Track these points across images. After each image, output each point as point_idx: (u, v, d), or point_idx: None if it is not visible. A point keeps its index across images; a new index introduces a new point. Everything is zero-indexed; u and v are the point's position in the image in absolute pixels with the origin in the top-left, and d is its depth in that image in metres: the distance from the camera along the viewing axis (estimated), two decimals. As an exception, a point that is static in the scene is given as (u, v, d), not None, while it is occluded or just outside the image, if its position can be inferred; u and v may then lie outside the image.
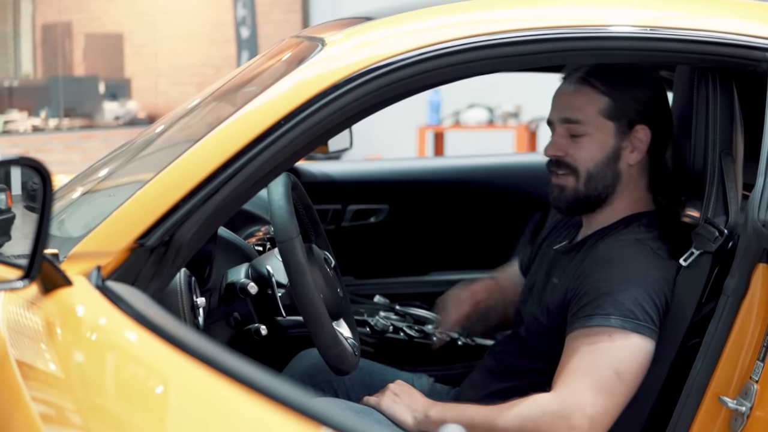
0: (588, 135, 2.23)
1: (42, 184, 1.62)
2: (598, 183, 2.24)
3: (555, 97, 2.30)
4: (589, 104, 2.23)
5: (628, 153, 2.24)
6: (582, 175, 2.24)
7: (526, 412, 2.07)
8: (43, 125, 9.92)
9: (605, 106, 2.23)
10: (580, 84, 2.25)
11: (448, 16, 2.09)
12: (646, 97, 2.24)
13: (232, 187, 1.85)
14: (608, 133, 2.23)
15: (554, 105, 2.30)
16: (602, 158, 2.23)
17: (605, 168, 2.24)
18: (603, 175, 2.24)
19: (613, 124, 2.23)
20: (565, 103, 2.27)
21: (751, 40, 2.03)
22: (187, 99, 2.46)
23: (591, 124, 2.23)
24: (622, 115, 2.23)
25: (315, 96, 1.89)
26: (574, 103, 2.25)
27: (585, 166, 2.24)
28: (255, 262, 2.35)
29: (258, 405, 1.22)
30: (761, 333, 1.92)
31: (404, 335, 2.91)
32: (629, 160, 2.25)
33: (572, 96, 2.26)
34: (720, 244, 2.05)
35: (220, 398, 1.28)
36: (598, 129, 2.23)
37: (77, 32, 10.77)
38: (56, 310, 1.68)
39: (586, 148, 2.24)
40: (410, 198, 3.67)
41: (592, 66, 2.26)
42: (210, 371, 1.31)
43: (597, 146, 2.23)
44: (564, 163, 2.26)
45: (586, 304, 2.11)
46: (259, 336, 2.29)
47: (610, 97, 2.23)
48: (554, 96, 2.31)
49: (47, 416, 1.51)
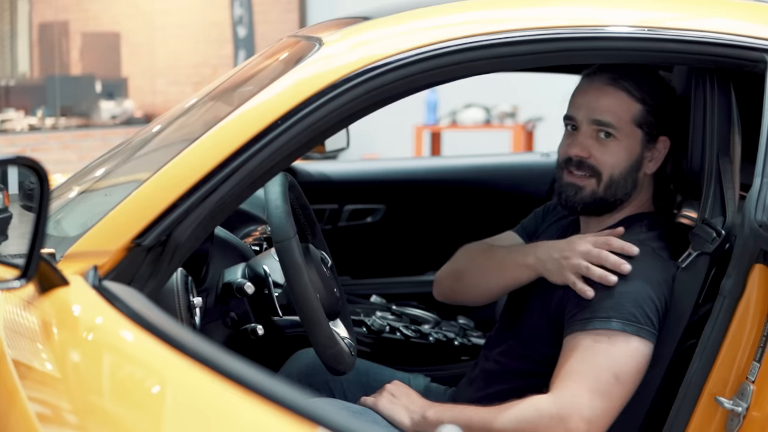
0: (617, 140, 2.20)
1: (39, 183, 1.62)
2: (618, 189, 2.21)
3: (581, 94, 2.25)
4: (623, 109, 2.20)
5: (647, 162, 2.23)
6: (604, 179, 2.20)
7: (523, 414, 2.06)
8: (40, 124, 9.90)
9: (638, 113, 2.20)
10: (612, 86, 2.21)
11: (446, 15, 2.09)
12: (672, 108, 2.22)
13: (229, 186, 1.85)
14: (636, 141, 2.21)
15: (581, 103, 2.24)
16: (627, 165, 2.21)
17: (627, 175, 2.21)
18: (624, 182, 2.21)
19: (641, 132, 2.20)
20: (595, 103, 2.21)
21: (748, 41, 2.03)
22: (184, 98, 2.46)
23: (622, 130, 2.19)
24: (650, 124, 2.20)
25: (312, 96, 1.89)
26: (607, 106, 2.20)
27: (609, 171, 2.20)
28: (252, 262, 2.35)
29: (254, 405, 1.22)
30: (758, 333, 1.92)
31: (401, 335, 2.91)
32: (647, 170, 2.23)
33: (605, 97, 2.21)
34: (717, 245, 2.05)
35: (216, 399, 1.27)
36: (628, 136, 2.20)
37: (74, 31, 10.75)
38: (53, 310, 1.68)
39: (613, 153, 2.20)
40: (407, 198, 3.67)
41: (621, 66, 2.22)
42: (206, 371, 1.30)
43: (625, 153, 2.20)
44: (587, 164, 2.21)
45: (585, 306, 2.10)
46: (255, 336, 2.29)
47: (643, 105, 2.20)
48: (580, 93, 2.25)
49: (44, 416, 1.50)
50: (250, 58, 2.62)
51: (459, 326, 3.07)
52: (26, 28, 10.59)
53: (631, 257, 2.12)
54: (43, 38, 10.62)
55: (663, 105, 2.21)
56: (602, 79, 2.22)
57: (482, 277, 2.35)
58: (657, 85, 2.23)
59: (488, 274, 2.33)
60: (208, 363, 1.31)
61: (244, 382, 1.25)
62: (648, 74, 2.24)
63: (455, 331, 2.98)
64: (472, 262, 2.40)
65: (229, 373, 1.27)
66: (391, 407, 2.20)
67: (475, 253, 2.41)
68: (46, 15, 10.57)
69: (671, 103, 2.23)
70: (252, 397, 1.23)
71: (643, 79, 2.22)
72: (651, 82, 2.22)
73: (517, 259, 2.26)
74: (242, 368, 1.27)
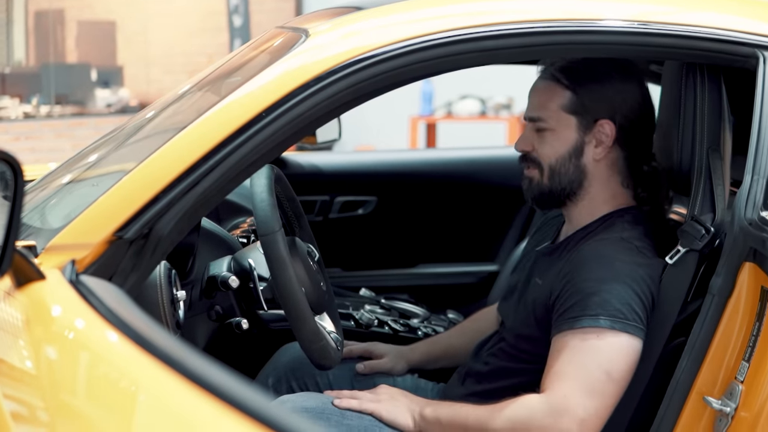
0: (550, 130, 2.22)
1: (13, 176, 1.60)
2: (561, 177, 2.23)
3: (528, 94, 2.29)
4: (552, 100, 2.22)
5: (593, 148, 2.22)
6: (545, 169, 2.23)
7: (516, 415, 2.06)
8: (35, 112, 9.87)
9: (567, 100, 2.21)
10: (547, 80, 2.25)
11: (438, 7, 2.07)
12: (614, 92, 2.21)
13: (212, 179, 1.83)
14: (570, 128, 2.22)
15: (527, 102, 2.30)
16: (564, 153, 2.22)
17: (567, 163, 2.22)
18: (565, 170, 2.22)
19: (574, 118, 2.21)
20: (530, 101, 2.27)
21: (740, 36, 2.02)
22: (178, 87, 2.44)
23: (553, 119, 2.22)
24: (584, 110, 2.21)
25: (297, 88, 1.87)
26: (536, 101, 2.26)
27: (547, 160, 2.23)
28: (237, 255, 2.34)
29: (221, 413, 1.19)
30: (747, 333, 1.90)
31: (389, 329, 2.88)
32: (594, 155, 2.22)
33: (535, 94, 2.27)
34: (706, 242, 2.03)
35: (183, 405, 1.25)
36: (560, 123, 2.22)
37: (70, 19, 10.71)
38: (28, 305, 1.66)
39: (548, 144, 2.23)
40: (398, 190, 3.66)
41: (564, 62, 2.24)
42: (176, 375, 1.28)
43: (559, 141, 2.22)
44: (530, 157, 2.26)
45: (572, 305, 2.08)
46: (240, 329, 2.28)
47: (572, 92, 2.21)
48: (528, 93, 2.30)
49: (17, 413, 1.48)
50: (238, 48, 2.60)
51: (448, 320, 3.05)
52: (22, 16, 10.56)
53: (616, 256, 2.11)
54: (39, 26, 10.59)
55: (599, 89, 2.21)
56: (540, 76, 2.27)
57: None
58: (594, 71, 2.22)
59: None
60: (177, 367, 1.29)
61: (213, 390, 1.23)
62: (588, 63, 2.23)
63: (445, 326, 2.96)
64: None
65: (198, 378, 1.25)
66: (394, 410, 2.18)
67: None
68: (42, 3, 10.54)
69: (612, 86, 2.22)
70: (219, 404, 1.21)
71: (579, 68, 2.22)
72: (588, 69, 2.22)
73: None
74: (212, 374, 1.25)
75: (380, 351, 2.54)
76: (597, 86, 2.21)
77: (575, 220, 2.27)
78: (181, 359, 1.30)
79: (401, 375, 2.51)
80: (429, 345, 2.62)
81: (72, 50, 10.82)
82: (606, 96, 2.21)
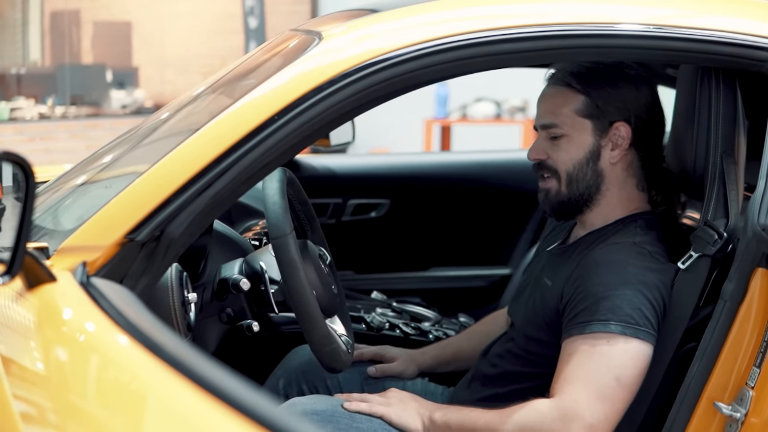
0: (566, 136, 2.21)
1: (25, 178, 1.60)
2: (579, 183, 2.21)
3: (537, 102, 2.28)
4: (565, 105, 2.21)
5: (609, 151, 2.21)
6: (563, 176, 2.22)
7: (526, 419, 2.05)
8: (50, 113, 9.90)
9: (581, 104, 2.20)
10: (558, 86, 2.24)
11: (453, 10, 2.06)
12: (627, 94, 2.21)
13: (224, 182, 1.83)
14: (586, 132, 2.21)
15: (537, 110, 2.28)
16: (581, 158, 2.21)
17: (585, 167, 2.21)
18: (583, 175, 2.21)
19: (590, 122, 2.20)
20: (541, 109, 2.26)
21: (756, 40, 2.01)
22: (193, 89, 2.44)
23: (567, 124, 2.21)
24: (599, 113, 2.20)
25: (311, 90, 1.87)
26: (547, 108, 2.24)
27: (565, 167, 2.21)
28: (249, 258, 2.34)
29: (232, 420, 1.19)
30: (758, 339, 1.89)
31: (400, 332, 2.88)
32: (611, 159, 2.22)
33: (545, 100, 2.25)
34: (719, 248, 2.01)
35: (192, 409, 1.25)
36: (575, 128, 2.21)
37: (85, 20, 10.74)
38: (39, 307, 1.66)
39: (564, 149, 2.21)
40: (412, 193, 3.65)
41: (574, 67, 2.23)
42: (184, 379, 1.28)
43: (575, 146, 2.21)
44: (546, 166, 2.24)
45: (583, 309, 2.08)
46: (251, 332, 2.27)
47: (586, 96, 2.20)
48: (537, 101, 2.29)
49: (26, 414, 1.49)
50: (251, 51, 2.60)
51: (460, 324, 3.05)
52: (38, 17, 10.59)
53: (628, 261, 2.10)
54: (54, 27, 10.62)
55: (612, 92, 2.20)
56: (549, 83, 2.26)
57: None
58: (607, 74, 2.21)
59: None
60: (185, 371, 1.29)
61: (221, 394, 1.23)
62: (600, 67, 2.23)
63: (456, 329, 2.95)
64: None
65: (207, 383, 1.25)
66: (403, 414, 2.18)
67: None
68: (58, 3, 10.57)
69: (626, 88, 2.21)
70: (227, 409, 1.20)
71: (591, 72, 2.21)
72: (600, 73, 2.21)
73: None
74: (221, 378, 1.25)
75: (391, 354, 2.54)
76: (609, 88, 2.20)
77: (588, 223, 2.27)
78: (190, 363, 1.30)
79: (411, 379, 2.51)
80: (439, 349, 2.62)
81: (87, 51, 10.85)
82: (619, 97, 2.20)
